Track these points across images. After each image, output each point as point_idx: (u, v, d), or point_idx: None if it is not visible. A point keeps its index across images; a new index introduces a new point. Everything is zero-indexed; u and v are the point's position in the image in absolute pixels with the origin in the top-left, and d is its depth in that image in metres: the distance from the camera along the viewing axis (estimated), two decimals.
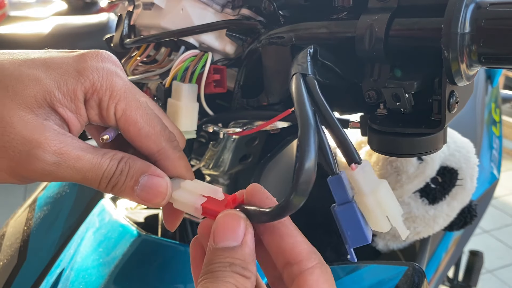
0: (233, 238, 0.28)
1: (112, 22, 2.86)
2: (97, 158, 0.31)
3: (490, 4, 0.31)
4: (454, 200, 0.68)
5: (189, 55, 0.43)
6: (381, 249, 0.72)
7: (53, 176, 0.30)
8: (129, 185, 0.32)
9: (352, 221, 0.28)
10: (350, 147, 0.28)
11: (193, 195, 0.32)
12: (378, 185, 0.29)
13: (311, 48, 0.35)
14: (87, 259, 0.52)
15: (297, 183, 0.26)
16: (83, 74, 0.31)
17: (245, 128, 0.44)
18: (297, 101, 0.29)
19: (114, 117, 0.32)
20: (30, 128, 0.29)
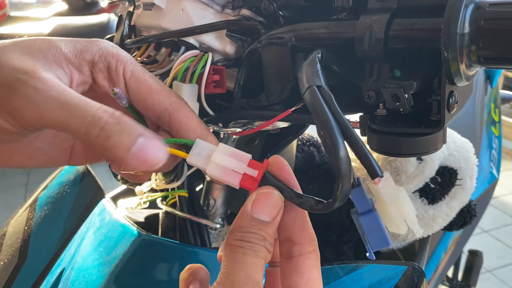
0: (270, 214, 0.30)
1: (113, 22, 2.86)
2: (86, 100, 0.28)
3: (489, 4, 0.31)
4: (454, 200, 0.68)
5: (189, 56, 0.43)
6: (381, 249, 0.72)
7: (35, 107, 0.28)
8: (126, 141, 0.28)
9: (375, 228, 0.30)
10: (371, 161, 0.29)
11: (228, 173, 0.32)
12: (398, 193, 0.30)
13: (319, 53, 0.35)
14: (88, 258, 0.52)
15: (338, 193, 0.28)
16: (91, 42, 0.33)
17: (245, 128, 0.44)
18: (320, 116, 0.29)
19: (123, 79, 0.33)
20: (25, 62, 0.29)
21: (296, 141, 0.70)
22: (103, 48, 0.33)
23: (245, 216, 0.30)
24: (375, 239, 0.30)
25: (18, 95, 0.28)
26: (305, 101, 0.31)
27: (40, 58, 0.30)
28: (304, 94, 0.32)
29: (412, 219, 0.30)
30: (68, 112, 0.28)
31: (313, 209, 0.30)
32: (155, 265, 0.50)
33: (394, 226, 0.31)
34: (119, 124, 0.28)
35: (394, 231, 0.31)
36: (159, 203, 0.58)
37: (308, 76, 0.33)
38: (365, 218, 0.30)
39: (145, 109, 0.34)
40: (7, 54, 0.29)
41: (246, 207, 0.30)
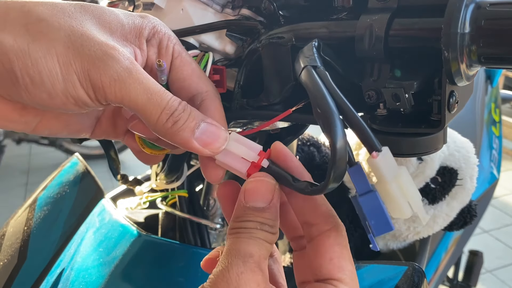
0: (263, 200, 0.30)
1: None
2: (162, 88, 0.31)
3: (490, 4, 0.31)
4: (454, 200, 0.68)
5: (190, 55, 0.43)
6: (381, 249, 0.72)
7: (121, 85, 0.29)
8: (191, 126, 0.31)
9: (376, 210, 0.29)
10: (369, 135, 0.28)
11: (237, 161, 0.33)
12: (399, 171, 0.29)
13: (316, 42, 0.35)
14: (87, 259, 0.52)
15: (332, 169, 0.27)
16: (145, 18, 0.34)
17: (245, 128, 0.44)
18: (315, 92, 0.29)
19: (171, 56, 0.34)
20: (106, 38, 0.30)
21: (296, 141, 0.70)
22: (156, 25, 0.34)
23: (239, 206, 0.30)
24: (377, 222, 0.29)
25: (109, 70, 0.29)
26: (301, 82, 0.31)
27: (113, 33, 0.31)
28: (300, 75, 0.32)
29: (416, 202, 0.29)
30: (148, 98, 0.30)
31: (307, 191, 0.29)
32: (155, 265, 0.50)
33: (397, 209, 0.29)
34: (185, 111, 0.31)
35: (398, 215, 0.29)
36: (159, 203, 0.58)
37: (304, 58, 0.33)
38: (365, 199, 0.29)
39: (179, 89, 0.35)
40: (85, 24, 0.30)
41: (240, 197, 0.31)
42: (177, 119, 0.30)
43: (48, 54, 0.28)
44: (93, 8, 0.31)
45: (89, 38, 0.29)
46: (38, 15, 0.29)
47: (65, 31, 0.29)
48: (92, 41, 0.29)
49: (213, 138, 0.32)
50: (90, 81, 0.29)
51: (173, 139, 0.31)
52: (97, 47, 0.29)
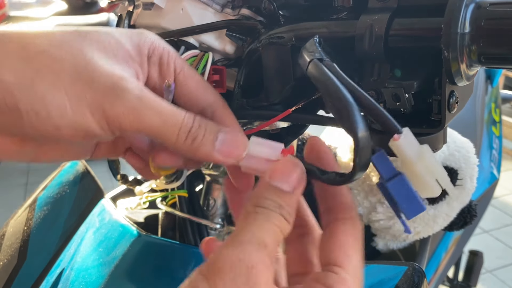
0: (288, 183, 0.29)
1: (112, 22, 2.86)
2: (173, 107, 0.30)
3: (490, 4, 0.31)
4: (454, 200, 0.68)
5: (190, 55, 0.43)
6: (381, 249, 0.72)
7: (136, 114, 0.29)
8: (209, 139, 0.31)
9: (406, 193, 0.28)
10: (387, 117, 0.28)
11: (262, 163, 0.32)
12: (422, 150, 0.28)
13: (317, 38, 0.35)
14: (87, 259, 0.52)
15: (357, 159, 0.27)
16: (142, 35, 0.33)
17: (245, 128, 0.44)
18: (327, 84, 0.28)
19: (174, 72, 0.34)
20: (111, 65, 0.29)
21: (296, 141, 0.70)
22: (154, 41, 0.34)
23: (262, 184, 0.29)
24: (408, 205, 0.28)
25: (122, 101, 0.29)
26: (310, 77, 0.30)
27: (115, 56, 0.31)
28: (307, 70, 0.31)
29: (444, 178, 0.28)
30: (163, 121, 0.30)
31: (335, 182, 0.29)
32: (155, 265, 0.50)
33: (426, 189, 0.28)
34: (201, 126, 0.31)
35: (428, 195, 0.28)
36: (159, 203, 0.58)
37: (308, 53, 0.32)
38: (393, 183, 0.28)
39: (188, 103, 0.34)
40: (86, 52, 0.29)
41: (264, 175, 0.30)
42: (195, 135, 0.30)
43: (54, 88, 0.28)
44: (90, 33, 0.31)
45: (96, 69, 0.29)
46: (37, 46, 0.28)
47: (69, 61, 0.28)
48: (99, 72, 0.29)
49: (233, 147, 0.32)
50: (104, 113, 0.29)
51: (195, 155, 0.31)
52: (106, 79, 0.29)
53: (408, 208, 0.28)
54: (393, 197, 0.28)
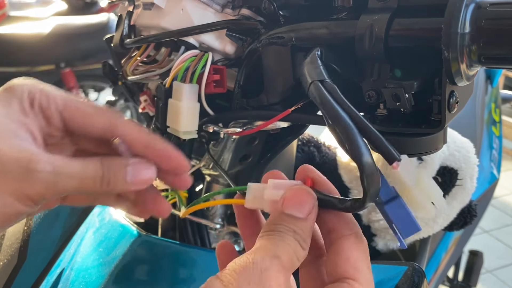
0: (301, 210, 0.29)
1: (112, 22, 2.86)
2: (82, 162, 0.32)
3: (490, 4, 0.31)
4: (454, 200, 0.68)
5: (189, 55, 0.43)
6: (381, 249, 0.72)
7: (54, 188, 0.31)
8: (120, 177, 0.33)
9: (403, 215, 0.29)
10: (386, 146, 0.28)
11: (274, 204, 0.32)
12: (420, 175, 0.29)
13: (318, 51, 0.35)
14: (87, 259, 0.52)
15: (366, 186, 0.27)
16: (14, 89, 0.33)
17: (245, 128, 0.44)
18: (327, 109, 0.29)
19: (58, 112, 0.33)
20: (11, 144, 0.30)
21: (296, 141, 0.70)
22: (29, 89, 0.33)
23: (276, 213, 0.30)
24: (404, 226, 0.29)
25: (36, 181, 0.30)
26: (310, 97, 0.31)
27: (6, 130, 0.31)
28: (308, 90, 0.31)
29: (439, 200, 0.30)
30: (79, 180, 0.31)
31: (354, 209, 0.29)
32: (155, 265, 0.50)
33: (421, 210, 0.30)
34: (109, 169, 0.32)
35: (423, 215, 0.30)
36: None
37: (310, 72, 0.32)
38: (390, 206, 0.29)
39: (88, 135, 0.35)
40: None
41: (278, 205, 0.30)
42: (108, 179, 0.32)
43: None
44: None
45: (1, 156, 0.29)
46: None
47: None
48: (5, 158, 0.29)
49: (142, 175, 0.34)
50: (27, 194, 0.30)
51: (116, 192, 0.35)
52: (15, 165, 0.30)
53: (404, 229, 0.29)
54: (390, 218, 0.29)
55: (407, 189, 0.29)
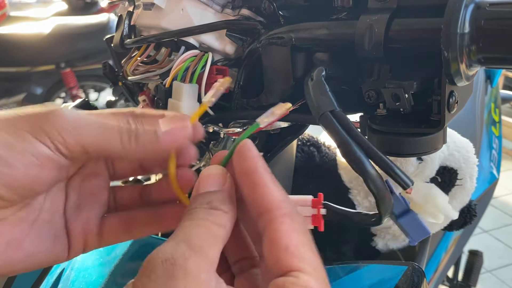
0: (213, 185, 0.29)
1: (112, 22, 2.86)
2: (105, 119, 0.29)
3: (489, 4, 0.31)
4: (454, 200, 0.68)
5: (189, 55, 0.43)
6: (381, 249, 0.72)
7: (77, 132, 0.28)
8: (151, 132, 0.30)
9: (415, 225, 0.31)
10: (399, 174, 0.30)
11: None
12: (429, 192, 0.31)
13: (323, 72, 0.36)
14: (88, 259, 0.52)
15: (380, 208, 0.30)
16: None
17: (245, 128, 0.44)
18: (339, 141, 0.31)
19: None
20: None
21: (296, 141, 0.70)
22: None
23: (192, 198, 0.29)
24: (416, 233, 0.31)
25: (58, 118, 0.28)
26: (322, 127, 0.32)
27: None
28: (319, 120, 0.32)
29: (446, 208, 0.32)
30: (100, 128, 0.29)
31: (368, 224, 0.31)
32: None
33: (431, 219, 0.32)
34: (137, 124, 0.29)
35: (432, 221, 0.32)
36: None
37: (319, 101, 0.33)
38: (404, 219, 0.32)
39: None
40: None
41: (193, 192, 0.30)
42: (136, 133, 0.29)
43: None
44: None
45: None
46: None
47: None
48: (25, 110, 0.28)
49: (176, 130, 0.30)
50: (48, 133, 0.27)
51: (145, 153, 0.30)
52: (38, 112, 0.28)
53: (415, 235, 0.32)
54: (404, 228, 0.32)
55: (419, 205, 0.31)
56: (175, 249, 0.24)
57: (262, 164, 0.29)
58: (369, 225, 0.32)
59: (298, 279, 0.25)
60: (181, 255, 0.24)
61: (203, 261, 0.24)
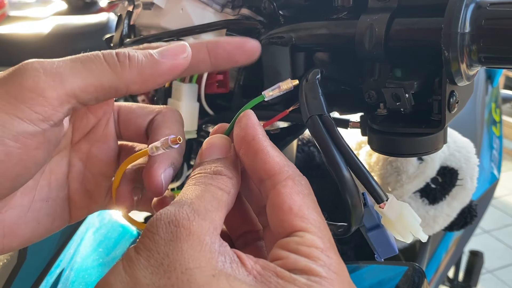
0: (217, 154, 0.29)
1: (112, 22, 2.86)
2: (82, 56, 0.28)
3: (490, 4, 0.31)
4: (454, 200, 0.68)
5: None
6: None
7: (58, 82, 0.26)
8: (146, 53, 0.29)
9: (383, 241, 0.32)
10: (375, 187, 0.30)
11: None
12: (402, 211, 0.31)
13: (318, 74, 0.35)
14: (87, 259, 0.52)
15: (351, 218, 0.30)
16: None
17: None
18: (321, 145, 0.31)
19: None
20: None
21: (296, 141, 0.70)
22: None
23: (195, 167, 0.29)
24: (383, 250, 0.32)
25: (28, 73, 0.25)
26: (308, 130, 0.32)
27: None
28: (306, 123, 0.32)
29: (416, 230, 0.31)
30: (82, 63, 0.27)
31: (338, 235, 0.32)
32: None
33: (400, 238, 0.32)
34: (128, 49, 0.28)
35: (401, 239, 0.32)
36: None
37: (309, 104, 0.33)
38: (373, 233, 0.32)
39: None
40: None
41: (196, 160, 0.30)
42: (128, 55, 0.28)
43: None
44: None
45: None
46: None
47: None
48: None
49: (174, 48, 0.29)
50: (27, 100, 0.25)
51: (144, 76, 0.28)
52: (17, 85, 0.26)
53: (383, 252, 0.32)
54: (371, 242, 0.32)
55: (390, 222, 0.31)
56: (179, 212, 0.24)
57: (262, 131, 0.29)
58: (337, 235, 0.31)
59: (303, 238, 0.25)
60: (185, 216, 0.24)
61: (207, 224, 0.24)
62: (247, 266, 0.23)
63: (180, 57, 0.29)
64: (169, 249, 0.22)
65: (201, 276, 0.22)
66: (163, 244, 0.23)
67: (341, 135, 0.31)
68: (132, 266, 0.23)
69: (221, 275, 0.22)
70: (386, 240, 0.32)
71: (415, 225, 0.31)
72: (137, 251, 0.23)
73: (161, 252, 0.23)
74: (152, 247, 0.23)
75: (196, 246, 0.23)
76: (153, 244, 0.23)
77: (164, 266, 0.22)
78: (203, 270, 0.22)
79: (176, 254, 0.22)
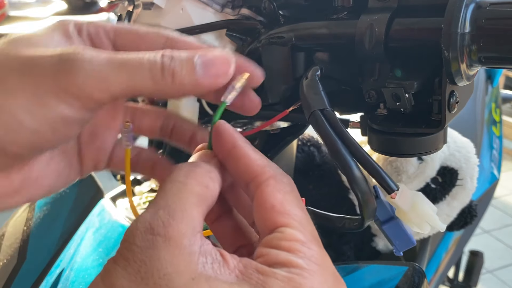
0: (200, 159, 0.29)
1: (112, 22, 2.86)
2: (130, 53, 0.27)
3: (490, 4, 0.31)
4: (454, 200, 0.68)
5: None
6: (381, 249, 0.72)
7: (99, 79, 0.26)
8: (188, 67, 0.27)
9: (399, 233, 0.31)
10: (384, 177, 0.30)
11: None
12: (415, 199, 0.31)
13: (318, 71, 0.35)
14: (87, 259, 0.52)
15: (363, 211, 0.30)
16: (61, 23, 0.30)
17: (245, 128, 0.44)
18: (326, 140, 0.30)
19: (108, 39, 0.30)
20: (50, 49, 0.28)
21: (296, 141, 0.70)
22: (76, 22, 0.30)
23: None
24: (400, 242, 0.31)
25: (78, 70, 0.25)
26: (311, 126, 0.32)
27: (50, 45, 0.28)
28: (308, 118, 0.32)
29: (433, 219, 0.31)
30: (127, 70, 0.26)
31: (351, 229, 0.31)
32: None
33: (417, 229, 0.31)
34: (173, 58, 0.27)
35: (418, 231, 0.32)
36: None
37: (310, 99, 0.33)
38: (388, 226, 0.31)
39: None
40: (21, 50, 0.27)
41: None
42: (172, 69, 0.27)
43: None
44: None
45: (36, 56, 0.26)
46: None
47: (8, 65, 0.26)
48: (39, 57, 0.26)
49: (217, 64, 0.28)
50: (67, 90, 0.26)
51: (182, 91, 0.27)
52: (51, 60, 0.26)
53: (400, 244, 0.31)
54: (388, 235, 0.32)
55: (403, 212, 0.31)
56: (153, 217, 0.24)
57: (240, 137, 0.29)
58: (351, 229, 0.31)
59: (283, 233, 0.25)
60: (160, 224, 0.23)
61: (184, 226, 0.24)
62: (229, 265, 0.24)
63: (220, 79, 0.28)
64: (146, 257, 0.23)
65: (179, 280, 0.22)
66: (139, 252, 0.23)
67: (345, 128, 0.31)
68: (110, 277, 0.23)
69: (201, 278, 0.22)
70: (402, 232, 0.31)
71: (430, 214, 0.31)
72: (115, 261, 0.23)
73: (138, 260, 0.23)
74: (129, 256, 0.23)
75: (173, 251, 0.23)
76: (130, 253, 0.23)
77: (141, 273, 0.22)
78: (181, 274, 0.22)
79: (154, 261, 0.22)
